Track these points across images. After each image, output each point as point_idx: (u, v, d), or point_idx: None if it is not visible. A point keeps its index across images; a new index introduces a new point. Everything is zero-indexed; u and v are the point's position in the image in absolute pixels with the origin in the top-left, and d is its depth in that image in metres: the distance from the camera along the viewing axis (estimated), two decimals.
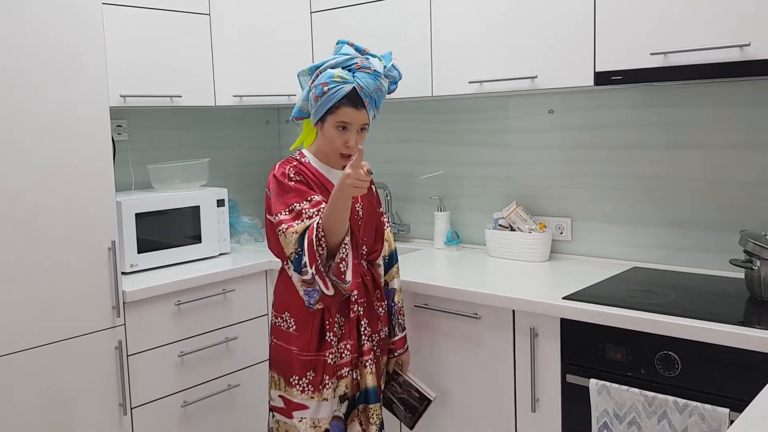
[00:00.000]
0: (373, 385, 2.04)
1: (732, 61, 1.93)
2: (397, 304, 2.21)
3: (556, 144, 2.67)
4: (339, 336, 2.01)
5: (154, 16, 2.66)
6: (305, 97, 2.06)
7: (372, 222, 2.13)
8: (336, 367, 2.00)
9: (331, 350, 1.99)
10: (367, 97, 1.96)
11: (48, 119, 2.16)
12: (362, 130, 2.00)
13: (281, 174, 1.98)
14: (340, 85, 1.94)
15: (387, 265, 2.22)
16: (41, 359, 2.17)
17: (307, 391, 1.99)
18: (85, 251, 2.26)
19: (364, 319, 2.04)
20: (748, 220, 2.27)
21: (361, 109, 1.96)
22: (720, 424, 1.74)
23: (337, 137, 1.97)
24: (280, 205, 1.94)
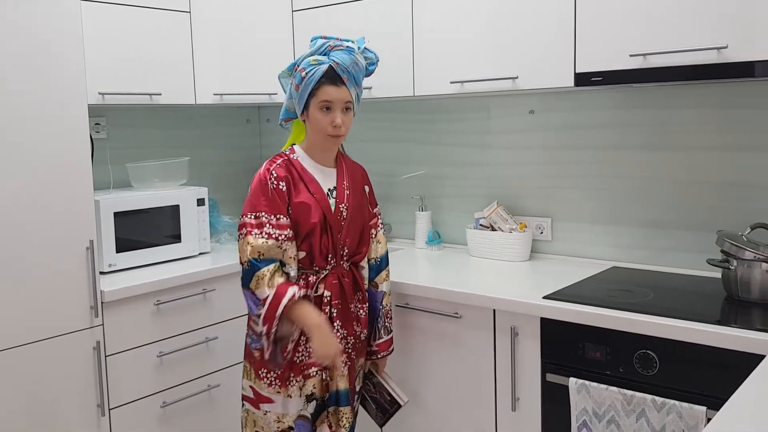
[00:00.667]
0: (344, 388, 2.04)
1: (710, 63, 1.95)
2: (385, 307, 2.19)
3: (537, 144, 2.68)
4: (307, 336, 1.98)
5: (134, 13, 2.64)
6: (289, 96, 2.07)
7: (357, 224, 2.11)
8: (303, 366, 2.00)
9: (299, 348, 1.99)
10: (345, 72, 1.98)
11: (24, 117, 2.13)
12: (347, 110, 2.01)
13: (265, 172, 1.98)
14: (316, 66, 1.97)
15: (377, 268, 2.19)
16: (18, 360, 2.14)
17: (274, 386, 2.00)
18: (63, 251, 2.23)
19: (337, 320, 2.04)
20: (725, 221, 2.29)
21: (341, 85, 1.98)
22: (697, 422, 1.76)
23: (322, 119, 1.98)
24: (249, 207, 1.96)
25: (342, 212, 2.06)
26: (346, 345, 2.07)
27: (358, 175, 2.16)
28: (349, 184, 2.10)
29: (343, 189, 2.07)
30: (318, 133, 2.02)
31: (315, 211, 2.00)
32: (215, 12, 2.87)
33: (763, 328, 1.74)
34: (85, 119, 2.28)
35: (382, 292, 2.19)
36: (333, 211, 2.03)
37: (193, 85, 2.86)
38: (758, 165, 2.23)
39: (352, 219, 2.08)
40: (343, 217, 2.06)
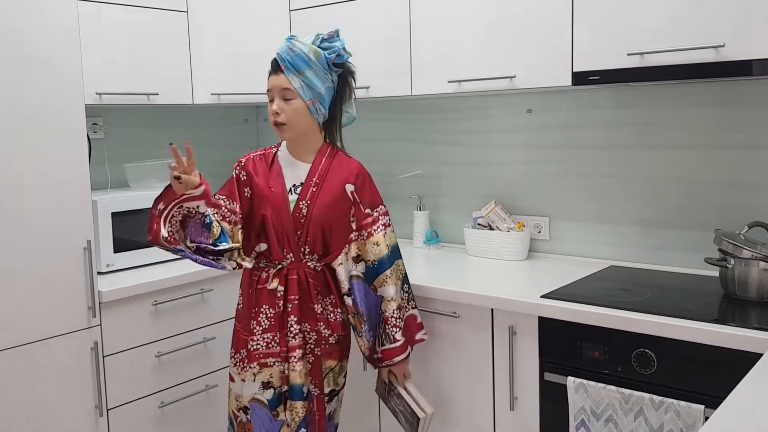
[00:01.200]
0: (298, 383, 2.04)
1: (707, 61, 1.95)
2: (385, 313, 2.08)
3: (535, 143, 2.68)
4: (264, 327, 2.04)
5: (131, 13, 2.63)
6: None
7: (323, 223, 2.04)
8: (257, 354, 2.05)
9: (253, 338, 2.05)
10: (281, 60, 2.02)
11: (22, 117, 2.13)
12: (288, 100, 2.01)
13: (238, 161, 2.14)
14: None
15: (374, 271, 2.09)
16: (16, 360, 2.14)
17: (237, 367, 2.09)
18: (61, 251, 2.23)
19: (292, 315, 2.03)
20: (722, 220, 2.30)
21: (279, 73, 2.02)
22: (695, 421, 1.76)
23: (268, 109, 2.06)
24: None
25: (302, 209, 2.03)
26: (307, 340, 2.07)
27: (340, 173, 2.09)
28: (319, 181, 2.05)
29: (309, 186, 2.05)
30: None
31: (267, 204, 2.04)
32: (213, 12, 2.87)
33: (760, 326, 1.74)
34: (82, 119, 2.28)
35: (380, 297, 2.10)
36: (292, 207, 2.03)
37: (190, 85, 2.85)
38: (756, 164, 2.23)
39: (316, 217, 2.03)
40: (302, 214, 2.03)
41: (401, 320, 2.10)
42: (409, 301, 2.16)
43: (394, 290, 2.09)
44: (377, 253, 2.09)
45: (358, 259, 2.10)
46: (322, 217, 2.04)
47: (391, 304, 2.08)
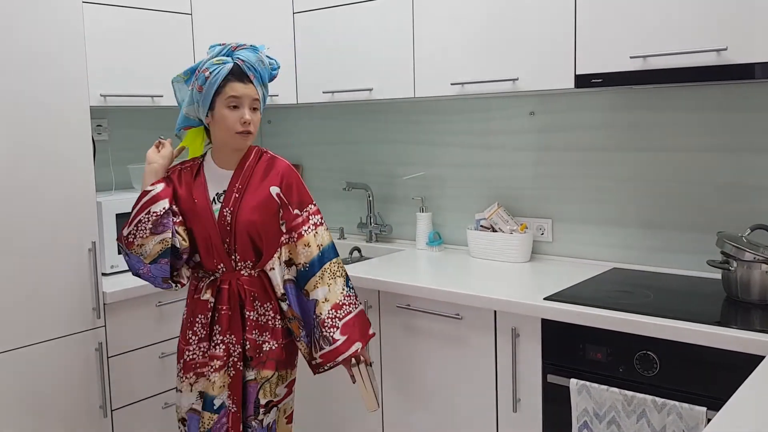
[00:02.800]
0: (210, 394, 1.98)
1: (709, 65, 1.96)
2: (320, 316, 1.99)
3: (537, 145, 2.69)
4: (200, 336, 2.02)
5: (136, 15, 2.65)
6: (190, 101, 2.00)
7: (250, 228, 1.98)
8: (193, 363, 2.03)
9: (189, 347, 2.03)
10: (251, 69, 1.95)
11: (27, 119, 2.14)
12: (254, 110, 1.97)
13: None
14: (220, 65, 1.93)
15: (305, 275, 2.01)
16: (21, 361, 2.15)
17: (177, 377, 2.07)
18: (65, 252, 2.24)
19: (218, 325, 1.99)
20: (724, 222, 2.30)
21: (248, 83, 1.94)
22: (697, 423, 1.76)
23: (230, 116, 1.93)
24: None
25: (226, 217, 1.97)
26: (230, 352, 1.98)
27: (266, 176, 2.02)
28: (243, 187, 1.99)
29: (232, 192, 1.98)
30: (226, 132, 1.94)
31: (191, 217, 1.99)
32: (217, 14, 2.88)
33: (762, 329, 1.75)
34: (87, 121, 2.29)
35: (313, 301, 2.00)
36: (217, 216, 1.98)
37: None
38: (758, 166, 2.24)
39: (243, 223, 1.97)
40: (227, 222, 1.97)
41: (340, 320, 2.00)
42: (356, 298, 2.06)
43: (327, 291, 2.00)
44: (308, 254, 2.01)
45: (290, 262, 2.03)
46: (248, 224, 1.97)
47: (325, 305, 1.99)
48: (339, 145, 3.31)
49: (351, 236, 3.30)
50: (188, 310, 2.06)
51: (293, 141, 3.49)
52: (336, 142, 3.32)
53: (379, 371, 2.48)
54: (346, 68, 2.81)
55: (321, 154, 3.39)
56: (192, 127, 2.09)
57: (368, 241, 3.16)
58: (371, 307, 2.46)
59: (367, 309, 2.46)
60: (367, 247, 3.11)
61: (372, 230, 3.16)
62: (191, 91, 1.98)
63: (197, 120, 2.05)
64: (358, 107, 3.20)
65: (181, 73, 2.05)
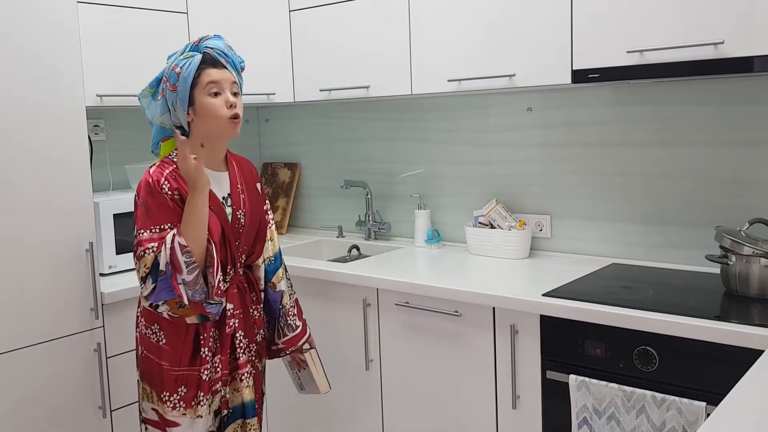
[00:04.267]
0: (250, 399, 1.96)
1: (706, 59, 1.95)
2: (285, 306, 2.10)
3: (535, 141, 2.68)
4: (213, 351, 1.90)
5: (131, 15, 2.64)
6: (162, 109, 1.90)
7: (254, 227, 1.99)
8: (211, 382, 1.90)
9: (206, 366, 1.88)
10: (221, 55, 1.88)
11: (23, 119, 2.14)
12: (235, 94, 1.88)
13: (155, 182, 1.81)
14: (188, 59, 1.85)
15: (273, 268, 2.08)
16: (19, 362, 2.15)
17: (179, 408, 1.87)
18: (63, 253, 2.24)
19: (240, 331, 1.95)
20: (723, 216, 2.30)
21: (222, 68, 1.86)
22: (697, 418, 1.76)
23: (214, 103, 1.83)
24: (148, 221, 1.79)
25: (240, 219, 1.94)
26: (249, 354, 1.98)
27: (248, 173, 2.03)
28: (243, 188, 1.97)
29: (238, 194, 1.95)
30: (214, 120, 1.84)
31: (214, 226, 1.85)
32: (212, 13, 2.87)
33: (761, 323, 1.75)
34: (83, 121, 2.28)
35: (281, 292, 2.10)
36: (231, 220, 1.91)
37: None
38: (756, 160, 2.23)
39: (251, 224, 1.97)
40: (241, 224, 1.94)
41: (294, 307, 2.15)
42: (292, 287, 2.19)
43: (286, 282, 2.15)
44: (273, 248, 2.12)
45: None
46: (254, 222, 1.99)
47: (286, 296, 2.13)
48: (337, 143, 3.30)
49: (349, 234, 3.30)
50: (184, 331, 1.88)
51: (290, 139, 3.49)
52: (334, 140, 3.31)
53: (378, 369, 2.48)
54: (343, 66, 2.81)
55: (319, 153, 3.39)
56: (169, 138, 1.97)
57: (367, 239, 3.16)
58: (370, 305, 2.46)
59: (365, 307, 2.46)
60: (366, 245, 3.11)
61: (370, 228, 3.15)
62: (163, 97, 1.89)
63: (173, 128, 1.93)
64: (356, 105, 3.19)
65: (146, 87, 1.95)
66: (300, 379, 2.21)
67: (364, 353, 2.49)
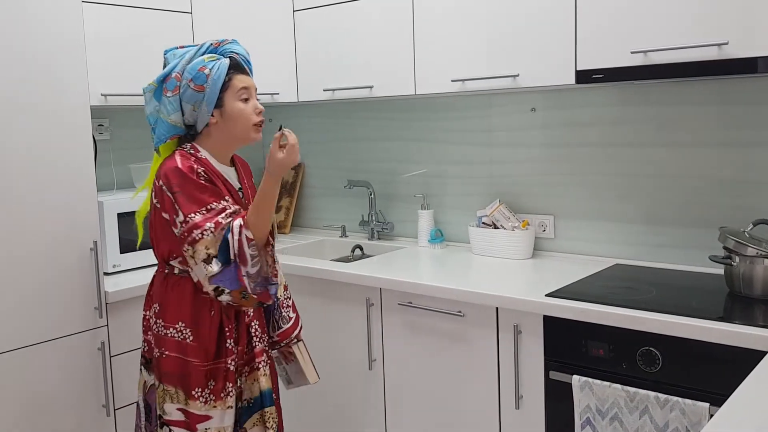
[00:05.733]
0: (267, 388, 1.98)
1: (710, 59, 1.95)
2: (280, 298, 2.13)
3: (539, 142, 2.68)
4: (235, 340, 1.94)
5: (135, 15, 2.64)
6: (176, 109, 1.88)
7: None
8: (235, 373, 1.94)
9: (232, 356, 1.92)
10: (245, 62, 1.94)
11: (28, 119, 2.14)
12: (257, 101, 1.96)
13: (188, 168, 1.82)
14: (216, 61, 1.87)
15: None
16: (23, 361, 2.16)
17: (210, 401, 1.90)
18: (67, 252, 2.25)
19: (255, 320, 1.99)
20: (727, 217, 2.29)
21: (247, 74, 1.93)
22: (700, 419, 1.76)
23: (246, 108, 1.89)
24: (195, 204, 1.79)
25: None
26: (263, 344, 2.02)
27: (248, 173, 2.09)
28: (249, 183, 2.06)
29: (246, 188, 2.02)
30: (242, 125, 1.89)
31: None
32: (217, 13, 2.88)
33: (765, 324, 1.74)
34: (87, 121, 2.29)
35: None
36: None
37: None
38: (760, 161, 2.23)
39: None
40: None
41: (289, 299, 2.17)
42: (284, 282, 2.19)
43: (281, 275, 2.14)
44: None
45: None
46: None
47: (280, 288, 2.13)
48: (340, 143, 3.31)
49: (353, 234, 3.30)
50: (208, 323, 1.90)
51: None
52: (337, 139, 3.32)
53: (381, 369, 2.48)
54: (347, 66, 2.81)
55: (322, 152, 3.39)
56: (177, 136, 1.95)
57: (370, 239, 3.16)
58: (373, 305, 2.46)
59: (368, 307, 2.46)
60: (369, 244, 3.11)
61: (374, 228, 3.16)
62: (175, 95, 1.87)
63: (183, 128, 1.93)
64: (359, 105, 3.20)
65: (153, 81, 1.92)
66: (287, 373, 2.20)
67: (367, 353, 2.49)
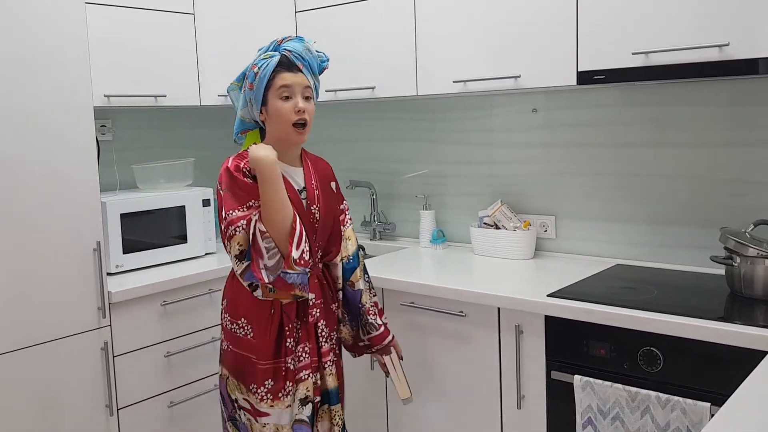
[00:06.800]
0: (333, 386, 2.01)
1: (712, 60, 1.96)
2: (365, 305, 2.10)
3: (540, 142, 2.69)
4: (297, 340, 1.95)
5: (138, 16, 2.65)
6: (243, 104, 1.98)
7: (329, 224, 2.03)
8: (296, 371, 1.94)
9: (291, 356, 1.93)
10: (299, 59, 1.93)
11: (31, 120, 2.15)
12: (308, 99, 1.93)
13: (235, 168, 1.89)
14: (268, 59, 1.92)
15: (351, 267, 2.10)
16: (27, 361, 2.16)
17: (266, 400, 1.92)
18: (71, 252, 2.25)
19: (322, 320, 1.99)
20: (728, 218, 2.30)
21: (297, 72, 1.92)
22: (701, 418, 1.77)
23: (283, 107, 1.90)
24: (236, 202, 1.86)
25: (314, 214, 1.97)
26: (330, 343, 2.03)
27: (324, 172, 2.08)
28: (317, 184, 2.01)
29: (312, 189, 1.99)
30: (281, 124, 1.92)
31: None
32: (219, 14, 2.89)
33: (766, 324, 1.75)
34: (91, 122, 2.30)
35: (359, 290, 2.10)
36: (305, 212, 1.96)
37: (197, 86, 2.87)
38: (761, 162, 2.23)
39: (324, 220, 2.01)
40: (316, 219, 1.97)
41: (376, 307, 2.14)
42: (372, 288, 2.17)
43: (364, 282, 2.13)
44: (350, 248, 2.12)
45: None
46: (328, 218, 2.03)
47: (366, 295, 2.12)
48: (342, 144, 3.31)
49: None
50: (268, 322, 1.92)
51: None
52: (339, 140, 3.32)
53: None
54: (349, 67, 2.81)
55: (324, 153, 3.39)
56: (249, 131, 2.06)
57: (372, 239, 3.17)
58: None
59: None
60: (371, 245, 3.12)
61: (375, 228, 3.16)
62: (244, 92, 1.97)
63: (253, 122, 2.03)
64: (361, 105, 3.20)
65: (234, 80, 2.02)
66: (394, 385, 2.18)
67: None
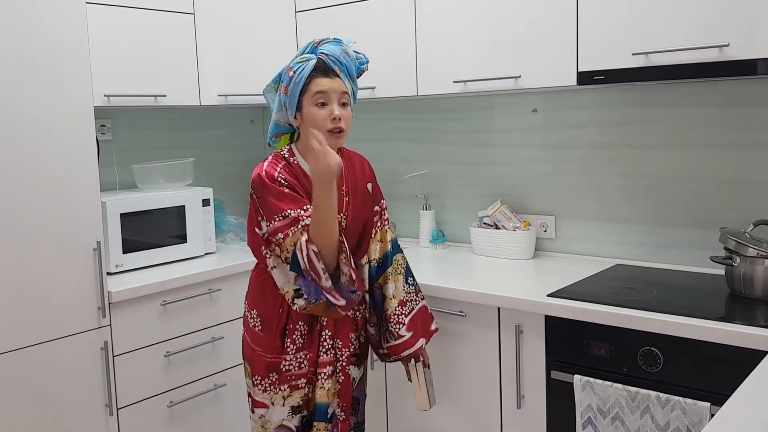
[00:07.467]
0: (322, 402, 1.93)
1: (711, 61, 1.96)
2: (387, 311, 2.02)
3: (540, 142, 2.69)
4: (298, 345, 1.93)
5: (139, 15, 2.65)
6: (278, 107, 1.95)
7: (356, 229, 1.99)
8: (290, 375, 1.93)
9: (286, 357, 1.92)
10: (336, 63, 1.87)
11: (31, 119, 2.15)
12: (344, 105, 1.88)
13: (270, 177, 1.85)
14: (304, 63, 1.86)
15: (380, 268, 2.05)
16: (27, 360, 2.16)
17: (269, 392, 1.94)
18: (70, 252, 2.25)
19: (327, 330, 1.93)
20: (728, 218, 2.30)
21: (334, 77, 1.86)
22: (701, 418, 1.77)
23: (318, 113, 1.84)
24: (273, 212, 1.82)
25: (341, 222, 1.91)
26: (338, 357, 1.96)
27: (360, 173, 2.04)
28: (349, 189, 1.98)
29: (342, 196, 1.94)
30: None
31: None
32: (219, 13, 2.89)
33: (766, 324, 1.75)
34: (91, 121, 2.30)
35: (384, 295, 2.04)
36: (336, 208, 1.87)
37: (197, 86, 2.87)
38: (761, 162, 2.24)
39: (351, 227, 1.96)
40: (342, 228, 1.89)
41: (405, 316, 2.03)
42: (417, 294, 2.09)
43: (393, 287, 2.04)
44: (381, 250, 2.06)
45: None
46: (356, 225, 1.98)
47: (392, 302, 2.03)
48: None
49: None
50: (276, 320, 1.93)
51: None
52: None
53: (383, 369, 2.48)
54: None
55: None
56: (283, 134, 2.02)
57: None
58: None
59: None
60: None
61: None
62: (278, 96, 1.93)
63: (287, 126, 1.98)
64: (361, 105, 3.20)
65: (270, 82, 1.98)
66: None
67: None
